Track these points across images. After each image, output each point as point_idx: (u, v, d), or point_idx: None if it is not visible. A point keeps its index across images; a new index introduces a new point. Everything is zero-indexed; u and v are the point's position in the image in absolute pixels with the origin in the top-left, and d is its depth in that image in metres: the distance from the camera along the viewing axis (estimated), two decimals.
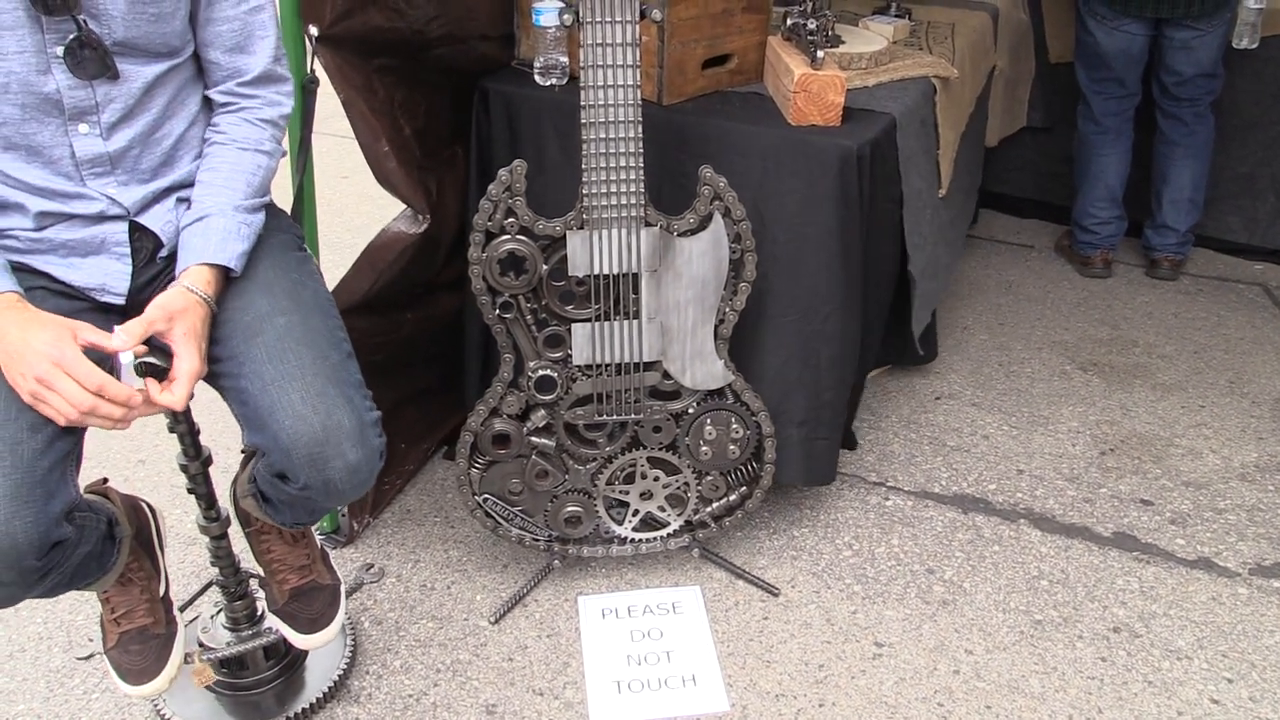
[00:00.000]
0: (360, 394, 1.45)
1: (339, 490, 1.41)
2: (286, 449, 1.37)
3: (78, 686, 1.92)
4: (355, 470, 1.40)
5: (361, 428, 1.41)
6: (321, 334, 1.44)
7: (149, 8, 1.35)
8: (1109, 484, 2.51)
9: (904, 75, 2.40)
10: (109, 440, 2.59)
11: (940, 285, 2.62)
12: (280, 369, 1.38)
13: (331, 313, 1.51)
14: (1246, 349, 3.14)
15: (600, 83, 1.72)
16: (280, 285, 1.45)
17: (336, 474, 1.39)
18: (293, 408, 1.36)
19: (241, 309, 1.43)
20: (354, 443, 1.39)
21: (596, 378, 1.95)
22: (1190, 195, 3.40)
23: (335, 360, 1.43)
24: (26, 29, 1.27)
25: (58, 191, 1.37)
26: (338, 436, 1.37)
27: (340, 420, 1.38)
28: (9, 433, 1.24)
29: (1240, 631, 2.08)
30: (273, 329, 1.41)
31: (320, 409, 1.37)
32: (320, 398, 1.37)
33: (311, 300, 1.48)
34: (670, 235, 1.84)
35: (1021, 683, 1.95)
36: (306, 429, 1.36)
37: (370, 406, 1.46)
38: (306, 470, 1.38)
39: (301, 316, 1.43)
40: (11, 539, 1.21)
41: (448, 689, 1.93)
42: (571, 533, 2.10)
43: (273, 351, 1.39)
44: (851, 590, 2.17)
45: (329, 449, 1.37)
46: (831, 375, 2.20)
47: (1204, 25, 3.07)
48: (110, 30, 1.32)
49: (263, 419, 1.38)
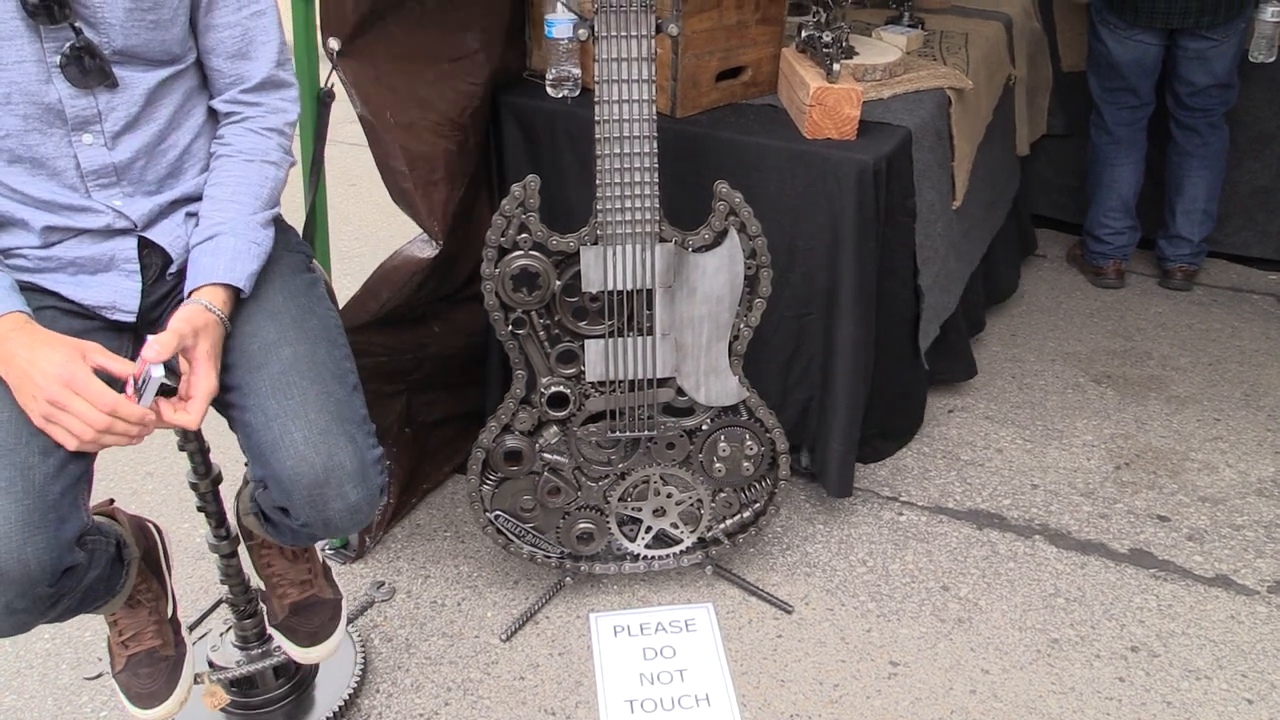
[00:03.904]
0: (363, 431, 1.42)
1: (338, 528, 1.40)
2: (287, 489, 1.35)
3: (86, 704, 1.91)
4: (355, 510, 1.38)
5: (363, 467, 1.38)
6: (327, 367, 1.42)
7: (148, 15, 1.33)
8: (1125, 499, 2.49)
9: (918, 87, 2.38)
10: (116, 453, 2.57)
11: (953, 299, 2.60)
12: (284, 404, 1.36)
13: (339, 341, 1.49)
14: (1262, 360, 3.12)
15: (615, 98, 1.70)
16: (288, 313, 1.43)
17: (336, 514, 1.37)
18: (295, 447, 1.34)
19: (249, 336, 1.40)
20: (355, 483, 1.37)
21: (610, 394, 1.93)
22: (1204, 206, 3.38)
23: (340, 396, 1.41)
24: (25, 39, 1.26)
25: (63, 205, 1.35)
26: (339, 477, 1.35)
27: (342, 460, 1.35)
28: (20, 457, 1.22)
29: (1260, 651, 2.05)
30: (278, 361, 1.38)
31: (322, 449, 1.35)
32: (323, 436, 1.35)
33: (319, 329, 1.46)
34: (685, 251, 1.83)
35: (1039, 703, 1.93)
36: (308, 469, 1.34)
37: (373, 444, 1.43)
38: (307, 509, 1.36)
39: (308, 348, 1.41)
40: (24, 565, 1.19)
41: (459, 708, 1.91)
42: (583, 549, 2.08)
43: (277, 385, 1.37)
44: (866, 608, 2.15)
45: (329, 490, 1.35)
46: (845, 388, 2.18)
47: (1218, 35, 3.04)
48: (109, 39, 1.31)
49: (265, 455, 1.36)
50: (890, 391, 2.43)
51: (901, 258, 2.29)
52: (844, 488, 2.30)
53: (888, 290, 2.27)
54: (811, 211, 2.09)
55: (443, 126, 2.07)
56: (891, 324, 2.35)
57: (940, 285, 2.44)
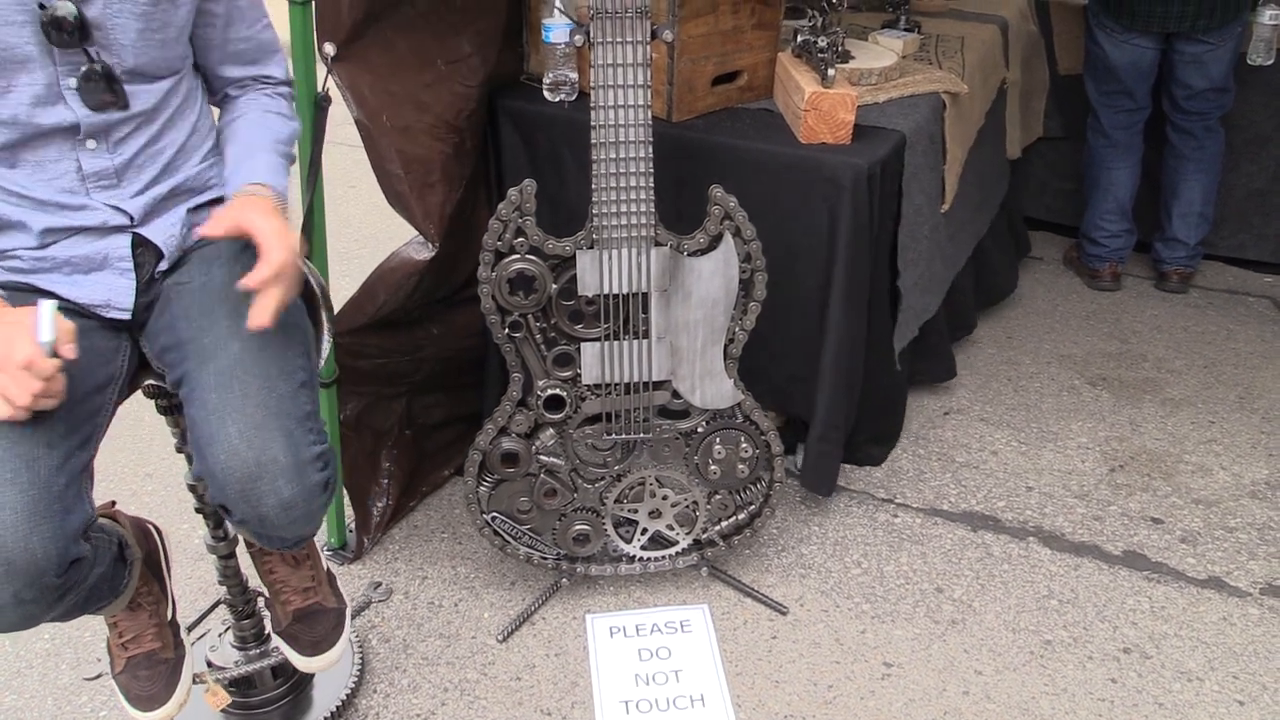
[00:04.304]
0: (304, 427, 1.39)
1: (275, 525, 1.37)
2: (221, 483, 1.34)
3: (85, 704, 1.92)
4: (290, 506, 1.35)
5: (298, 464, 1.35)
6: (275, 363, 1.39)
7: (156, 34, 1.36)
8: (1119, 501, 2.50)
9: (914, 91, 2.39)
10: (116, 454, 2.59)
11: (935, 301, 2.61)
12: (224, 398, 1.34)
13: (295, 339, 1.46)
14: (1256, 363, 3.13)
15: (611, 103, 1.71)
16: (245, 309, 1.38)
17: (270, 510, 1.34)
18: (228, 441, 1.32)
19: (203, 329, 1.40)
20: (288, 479, 1.34)
21: (605, 397, 1.94)
22: (1200, 209, 3.39)
23: (283, 391, 1.38)
24: (38, 62, 1.28)
25: (63, 205, 1.37)
26: (272, 472, 1.33)
27: (275, 455, 1.33)
28: (25, 449, 1.24)
29: (1252, 653, 2.06)
30: (226, 355, 1.37)
31: (255, 443, 1.32)
32: (257, 430, 1.33)
33: (274, 325, 1.40)
34: (680, 255, 1.84)
35: (1031, 704, 1.94)
36: (239, 464, 1.32)
37: (314, 440, 1.39)
38: (240, 505, 1.34)
39: (258, 343, 1.38)
40: (31, 555, 1.20)
41: (455, 708, 1.92)
42: (580, 551, 2.10)
43: (221, 379, 1.35)
44: (860, 609, 2.16)
45: (263, 485, 1.33)
46: (828, 389, 2.20)
47: (1214, 39, 3.05)
48: (120, 59, 1.34)
49: (201, 449, 1.35)
50: (878, 395, 2.44)
51: (882, 261, 2.30)
52: (824, 486, 2.32)
53: (872, 293, 2.28)
54: (806, 215, 2.10)
55: (438, 129, 2.08)
56: (878, 327, 2.36)
57: (921, 287, 2.44)
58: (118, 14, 1.31)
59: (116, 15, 1.31)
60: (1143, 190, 3.45)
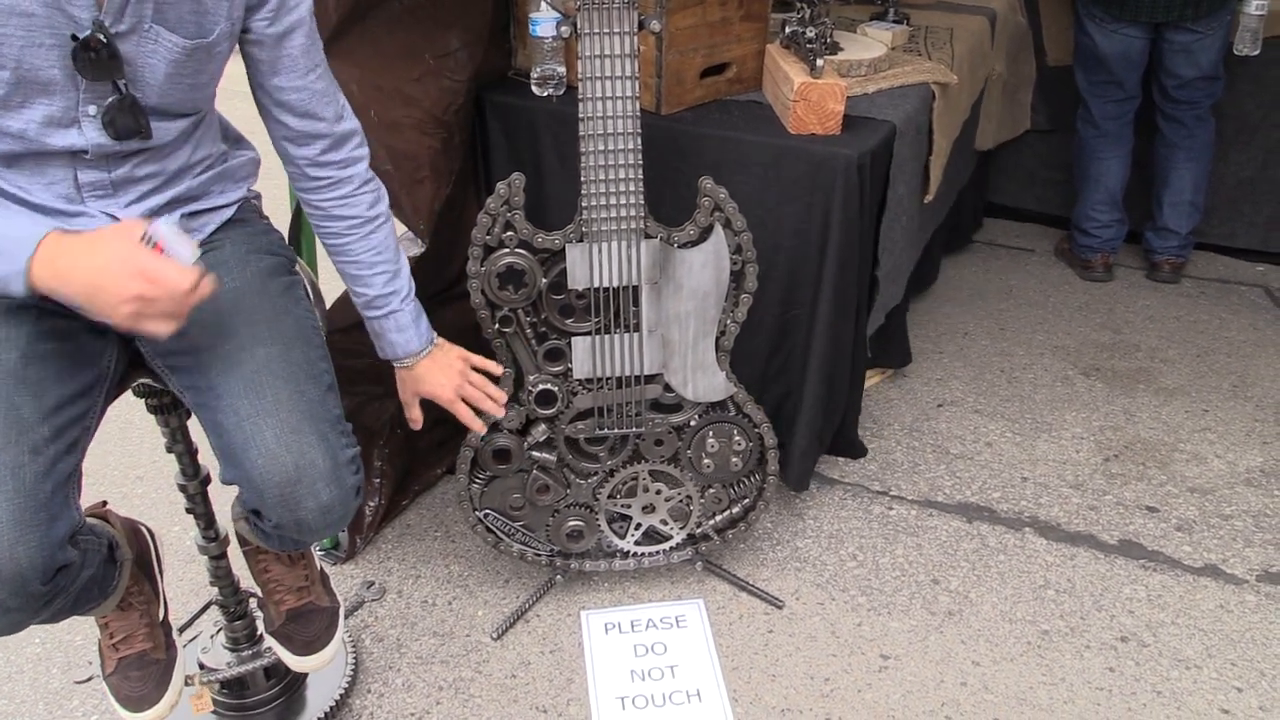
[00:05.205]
0: (337, 431, 1.41)
1: (312, 529, 1.38)
2: (259, 488, 1.34)
3: (77, 709, 1.91)
4: (328, 510, 1.37)
5: (336, 467, 1.37)
6: (301, 367, 1.41)
7: (187, 79, 1.34)
8: (1114, 491, 2.50)
9: (903, 82, 2.39)
10: (107, 457, 2.57)
11: (900, 288, 2.61)
12: (256, 404, 1.35)
13: (315, 342, 1.48)
14: (1249, 352, 3.13)
15: (598, 95, 1.70)
16: (263, 314, 1.42)
17: (309, 514, 1.36)
18: (266, 446, 1.33)
19: (223, 338, 1.40)
20: (327, 482, 1.36)
21: (597, 391, 1.93)
22: (1191, 198, 3.39)
23: (313, 396, 1.40)
24: (60, 86, 1.25)
25: (60, 210, 1.35)
26: (311, 476, 1.34)
27: (314, 459, 1.35)
28: (10, 457, 1.22)
29: (1249, 639, 2.06)
30: (251, 361, 1.38)
31: (294, 448, 1.34)
32: (295, 435, 1.34)
33: (294, 330, 1.45)
34: (670, 247, 1.83)
35: (1029, 694, 1.94)
36: (279, 468, 1.33)
37: (347, 444, 1.42)
38: (278, 510, 1.35)
39: (282, 348, 1.40)
40: (16, 564, 1.19)
41: (450, 707, 1.91)
42: (573, 547, 2.08)
43: (249, 385, 1.36)
44: (856, 602, 2.15)
45: (302, 489, 1.34)
46: (815, 384, 2.19)
47: (1203, 28, 3.05)
48: (143, 95, 1.30)
49: (236, 455, 1.35)
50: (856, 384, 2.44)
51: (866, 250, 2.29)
52: (802, 482, 2.31)
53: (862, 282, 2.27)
54: (796, 206, 2.09)
55: (427, 124, 2.07)
56: (860, 315, 2.35)
57: (891, 276, 2.44)
58: (151, 54, 1.28)
59: (150, 55, 1.28)
60: (1133, 180, 3.46)
